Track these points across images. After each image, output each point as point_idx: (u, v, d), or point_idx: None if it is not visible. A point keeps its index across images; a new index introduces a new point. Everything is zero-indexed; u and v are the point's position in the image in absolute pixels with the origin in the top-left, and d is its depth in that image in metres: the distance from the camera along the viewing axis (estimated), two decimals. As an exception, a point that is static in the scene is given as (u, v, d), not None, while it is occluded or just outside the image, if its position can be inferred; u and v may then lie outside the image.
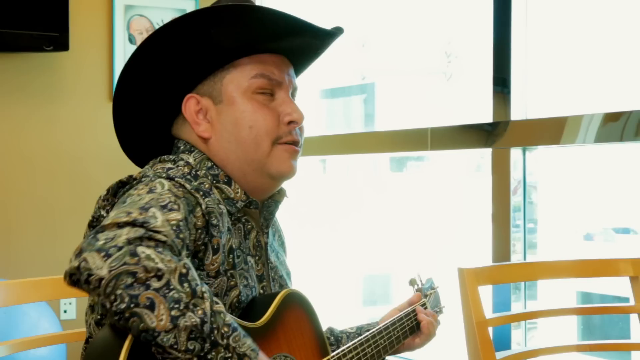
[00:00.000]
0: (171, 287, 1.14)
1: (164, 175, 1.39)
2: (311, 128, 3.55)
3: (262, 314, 1.42)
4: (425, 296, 1.86)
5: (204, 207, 1.37)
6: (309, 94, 3.91)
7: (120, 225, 1.19)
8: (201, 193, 1.39)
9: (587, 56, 2.83)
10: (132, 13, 3.51)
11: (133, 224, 1.19)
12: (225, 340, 1.18)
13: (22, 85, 3.37)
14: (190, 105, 1.53)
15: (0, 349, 1.79)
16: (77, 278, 1.15)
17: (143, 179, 1.37)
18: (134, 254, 1.14)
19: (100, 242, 1.15)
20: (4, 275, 3.12)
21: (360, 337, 1.60)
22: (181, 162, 1.49)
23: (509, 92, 2.59)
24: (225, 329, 1.19)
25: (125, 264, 1.13)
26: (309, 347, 1.50)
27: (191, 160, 1.51)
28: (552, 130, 2.41)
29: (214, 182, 1.50)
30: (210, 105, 1.53)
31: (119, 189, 1.40)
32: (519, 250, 2.57)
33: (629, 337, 2.78)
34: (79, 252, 1.15)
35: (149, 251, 1.16)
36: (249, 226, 1.54)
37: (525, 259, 2.56)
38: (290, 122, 1.53)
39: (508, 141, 2.55)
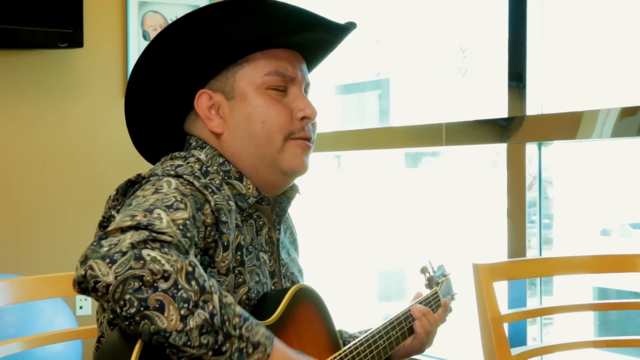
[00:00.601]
0: (179, 286, 1.14)
1: (172, 172, 1.38)
2: (326, 124, 3.55)
3: (273, 311, 1.41)
4: (437, 284, 1.85)
5: (212, 204, 1.36)
6: (323, 90, 3.91)
7: (123, 230, 1.18)
8: (210, 190, 1.39)
9: (603, 50, 2.81)
10: (146, 9, 3.51)
11: (137, 227, 1.19)
12: (237, 331, 1.18)
13: (37, 82, 3.38)
14: (202, 100, 1.53)
15: (16, 344, 1.80)
16: (85, 286, 1.15)
17: (151, 178, 1.37)
18: (139, 258, 1.14)
19: (105, 249, 1.15)
20: (19, 272, 3.14)
21: (359, 338, 1.59)
22: (192, 159, 1.49)
23: (524, 87, 2.57)
24: (237, 319, 1.19)
25: (131, 268, 1.13)
26: (320, 343, 1.49)
27: (202, 156, 1.51)
28: (568, 125, 2.40)
29: (226, 178, 1.49)
30: (222, 100, 1.52)
31: (128, 189, 1.40)
32: (534, 246, 2.56)
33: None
34: (84, 260, 1.15)
35: (154, 253, 1.15)
36: (261, 222, 1.53)
37: (540, 254, 2.55)
38: (303, 118, 1.53)
39: (523, 136, 2.53)
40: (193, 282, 1.16)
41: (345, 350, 1.52)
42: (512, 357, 1.93)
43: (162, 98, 1.55)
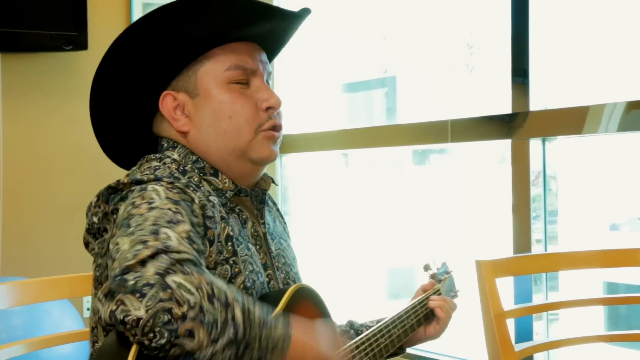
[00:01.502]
0: (204, 310, 1.16)
1: (152, 176, 1.40)
2: (333, 122, 3.54)
3: (272, 311, 1.42)
4: (439, 281, 1.85)
5: (197, 201, 1.38)
6: (330, 89, 3.91)
7: (144, 262, 1.19)
8: (192, 188, 1.40)
9: (607, 45, 2.80)
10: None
11: (155, 254, 1.19)
12: (257, 339, 1.20)
13: (42, 84, 3.39)
14: (167, 102, 1.54)
15: (23, 346, 1.81)
16: (115, 320, 1.15)
17: (134, 188, 1.38)
18: (165, 287, 1.15)
19: (131, 282, 1.15)
20: (26, 274, 3.15)
21: (373, 328, 1.60)
22: (168, 160, 1.51)
23: (528, 83, 2.56)
24: (257, 329, 1.21)
25: (160, 300, 1.13)
26: None
27: (176, 156, 1.52)
28: (574, 120, 2.39)
29: (202, 174, 1.51)
30: (187, 99, 1.53)
31: (110, 196, 1.41)
32: (539, 242, 2.55)
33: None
34: (110, 294, 1.16)
35: (178, 278, 1.16)
36: (244, 216, 1.55)
37: (546, 249, 2.54)
38: (268, 108, 1.54)
39: (527, 132, 2.52)
40: (215, 302, 1.17)
41: (362, 338, 1.55)
42: (515, 352, 1.93)
43: (126, 103, 1.55)
